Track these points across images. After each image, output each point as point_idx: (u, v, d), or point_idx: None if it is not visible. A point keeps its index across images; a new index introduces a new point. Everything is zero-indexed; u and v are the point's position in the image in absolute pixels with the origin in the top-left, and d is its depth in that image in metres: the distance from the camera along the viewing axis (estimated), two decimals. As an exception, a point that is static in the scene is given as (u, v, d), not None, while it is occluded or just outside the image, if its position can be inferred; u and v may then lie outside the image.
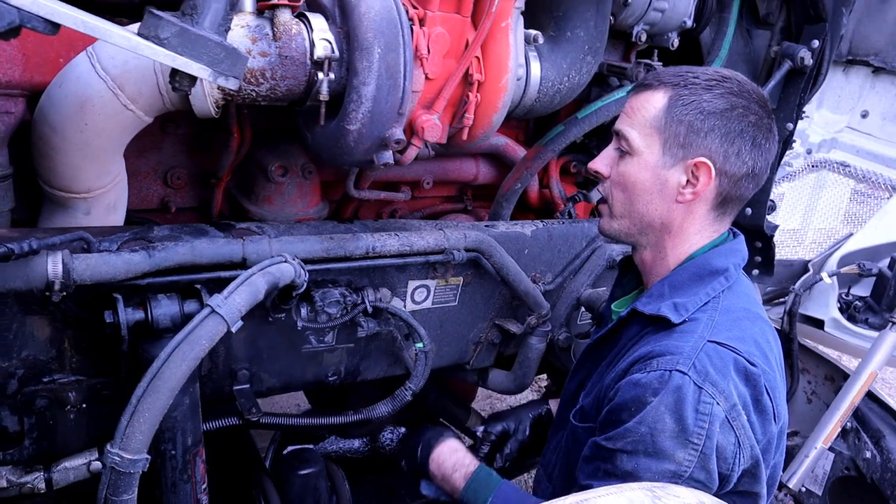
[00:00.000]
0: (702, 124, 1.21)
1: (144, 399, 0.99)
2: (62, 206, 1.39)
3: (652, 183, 1.26)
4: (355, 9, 1.24)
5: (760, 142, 1.23)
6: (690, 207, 1.26)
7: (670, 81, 1.24)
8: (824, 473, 2.30)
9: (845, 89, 3.07)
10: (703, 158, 1.21)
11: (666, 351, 1.15)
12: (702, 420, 1.08)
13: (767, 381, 1.16)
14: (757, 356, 1.17)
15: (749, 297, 1.29)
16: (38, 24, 0.72)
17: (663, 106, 1.23)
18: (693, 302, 1.23)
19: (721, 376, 1.11)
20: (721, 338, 1.16)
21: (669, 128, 1.22)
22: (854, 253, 2.60)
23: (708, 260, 1.27)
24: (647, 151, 1.25)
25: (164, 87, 1.25)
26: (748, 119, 1.21)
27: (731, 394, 1.11)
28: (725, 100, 1.21)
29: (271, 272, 1.17)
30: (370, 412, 1.62)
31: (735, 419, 1.10)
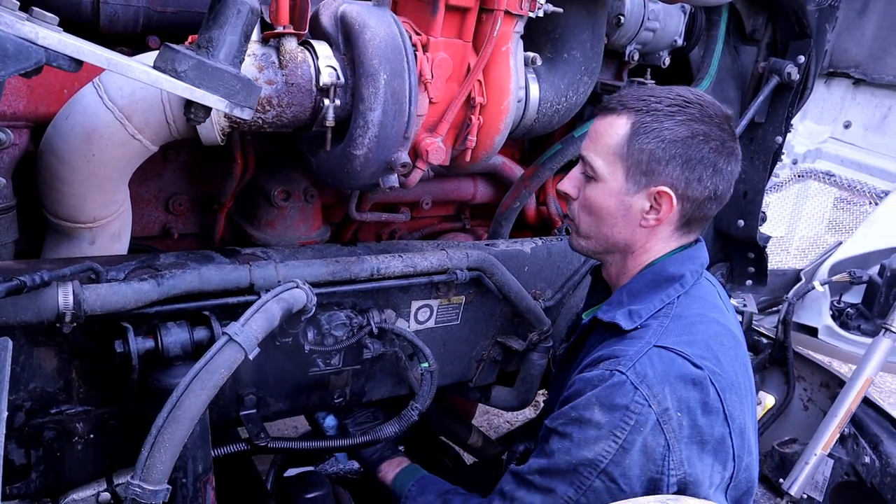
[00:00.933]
0: (663, 153, 1.24)
1: (165, 429, 0.99)
2: (67, 236, 1.39)
3: (616, 208, 1.30)
4: (360, 36, 1.26)
5: (722, 166, 1.26)
6: (654, 230, 1.31)
7: (633, 107, 1.27)
8: (824, 480, 2.32)
9: (828, 101, 3.14)
10: (664, 187, 1.25)
11: (612, 354, 1.22)
12: (629, 417, 1.13)
13: (717, 382, 1.18)
14: (706, 359, 1.19)
15: (706, 302, 1.32)
16: (64, 62, 0.73)
17: (626, 133, 1.26)
18: (647, 309, 1.27)
19: (658, 380, 1.15)
20: (668, 342, 1.20)
21: (632, 156, 1.26)
22: (844, 261, 2.64)
23: (664, 267, 1.31)
24: (611, 178, 1.29)
25: (172, 117, 1.25)
26: (709, 145, 1.24)
27: (664, 398, 1.14)
28: (687, 127, 1.24)
29: (285, 298, 1.17)
30: (378, 433, 1.62)
31: (667, 422, 1.13)
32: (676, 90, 1.30)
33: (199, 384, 1.01)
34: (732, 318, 1.38)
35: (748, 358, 1.36)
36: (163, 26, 1.46)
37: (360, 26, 1.27)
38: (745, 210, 2.46)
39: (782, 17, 2.24)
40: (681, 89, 1.30)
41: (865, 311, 2.55)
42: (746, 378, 1.30)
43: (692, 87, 1.32)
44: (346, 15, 1.30)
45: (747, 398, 1.27)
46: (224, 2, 0.93)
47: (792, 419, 2.65)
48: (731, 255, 2.66)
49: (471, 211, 2.17)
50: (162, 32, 1.46)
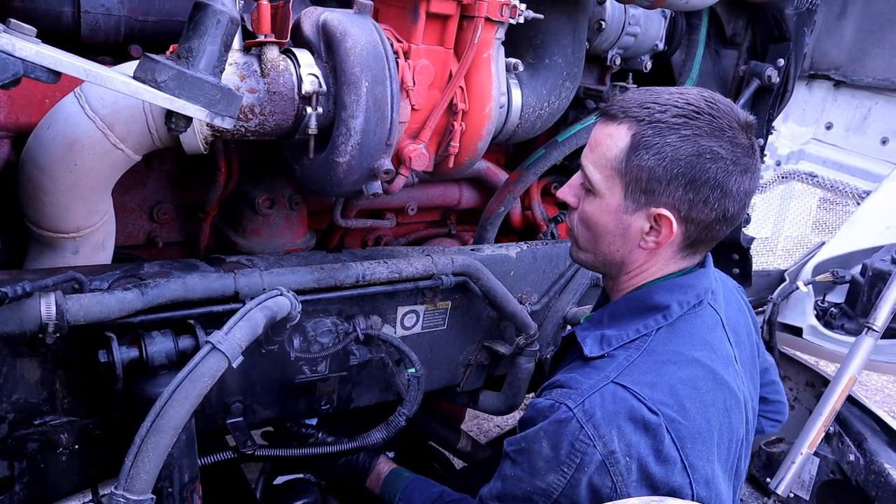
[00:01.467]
0: (664, 172, 1.11)
1: (148, 439, 0.99)
2: (50, 246, 1.39)
3: (614, 226, 1.20)
4: (341, 44, 1.27)
5: (731, 187, 1.13)
6: (654, 251, 1.21)
7: (635, 115, 1.14)
8: (811, 478, 2.34)
9: (809, 102, 3.18)
10: (664, 210, 1.14)
11: (567, 383, 1.15)
12: (574, 455, 1.07)
13: (674, 430, 1.09)
14: (666, 405, 1.10)
15: (693, 338, 1.20)
16: (42, 73, 0.73)
17: (625, 146, 1.14)
18: (619, 337, 1.19)
19: (606, 421, 1.08)
20: (628, 381, 1.12)
21: (630, 172, 1.14)
22: (827, 261, 2.67)
23: (650, 294, 1.21)
24: (608, 194, 1.18)
25: (154, 126, 1.25)
26: (717, 165, 1.11)
27: (611, 440, 1.07)
28: (692, 143, 1.10)
29: (269, 306, 1.17)
30: (365, 439, 1.62)
31: (612, 465, 1.06)
32: (687, 95, 1.14)
33: (183, 393, 1.01)
34: (731, 354, 1.27)
35: (739, 399, 1.23)
36: (145, 35, 1.46)
37: (341, 34, 1.27)
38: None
39: (761, 21, 2.27)
40: (692, 94, 1.14)
41: (849, 310, 2.58)
42: (727, 423, 1.19)
43: (705, 89, 1.18)
44: (328, 23, 1.30)
45: (721, 445, 1.17)
46: (203, 12, 0.94)
47: (778, 419, 2.67)
48: (716, 257, 2.68)
49: (456, 216, 2.18)
50: (144, 42, 1.46)
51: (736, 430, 1.22)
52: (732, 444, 1.21)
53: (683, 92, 1.16)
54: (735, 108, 1.16)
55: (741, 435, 1.24)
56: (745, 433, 1.28)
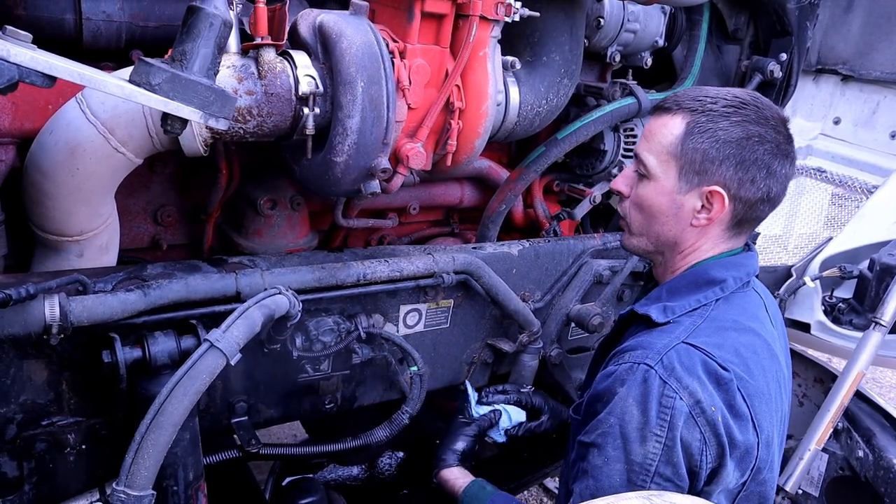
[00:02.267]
0: (717, 153, 1.23)
1: (148, 435, 1.00)
2: (55, 249, 1.41)
3: (668, 207, 1.30)
4: (337, 45, 1.28)
5: (776, 168, 1.25)
6: (705, 229, 1.30)
7: (689, 107, 1.27)
8: (820, 475, 2.32)
9: (817, 97, 3.16)
10: (717, 187, 1.24)
11: (639, 346, 1.22)
12: (664, 413, 1.12)
13: (743, 388, 1.17)
14: (733, 363, 1.18)
15: (746, 311, 1.30)
16: (37, 78, 0.75)
17: (681, 132, 1.26)
18: (681, 306, 1.27)
19: (687, 373, 1.15)
20: (697, 341, 1.20)
21: (686, 155, 1.25)
22: (835, 256, 2.65)
23: (707, 269, 1.31)
24: (663, 177, 1.29)
25: (154, 129, 1.27)
26: (763, 147, 1.23)
27: (695, 390, 1.13)
28: (742, 128, 1.22)
29: (267, 304, 1.19)
30: (368, 437, 1.63)
31: (699, 415, 1.13)
32: (733, 91, 1.28)
33: (182, 390, 1.02)
34: (775, 335, 1.35)
35: (786, 374, 1.33)
36: (146, 41, 1.48)
37: (336, 35, 1.29)
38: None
39: (763, 16, 2.26)
40: (737, 90, 1.29)
41: (857, 305, 2.55)
42: (779, 392, 1.27)
43: (749, 90, 1.33)
44: (324, 24, 1.32)
45: (777, 412, 1.26)
46: (196, 15, 0.95)
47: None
48: (722, 253, 2.67)
49: (459, 215, 2.18)
50: (145, 47, 1.48)
51: (783, 404, 1.30)
52: (781, 414, 1.28)
53: (731, 89, 1.30)
54: (774, 105, 1.29)
55: (786, 410, 1.32)
56: (784, 411, 1.34)
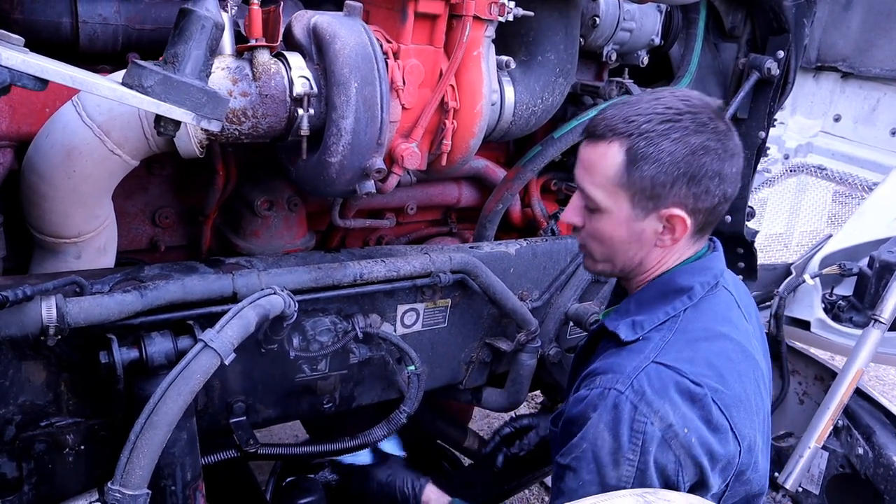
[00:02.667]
0: (666, 177, 1.19)
1: (142, 435, 1.01)
2: (53, 251, 1.42)
3: (628, 235, 1.26)
4: (331, 46, 1.29)
5: (726, 171, 1.21)
6: (671, 246, 1.28)
7: (623, 131, 1.21)
8: (820, 472, 2.32)
9: (817, 95, 3.16)
10: (674, 209, 1.21)
11: (609, 369, 1.20)
12: (636, 437, 1.11)
13: (719, 400, 1.16)
14: (706, 376, 1.17)
15: (717, 315, 1.28)
16: (29, 81, 0.75)
17: (622, 162, 1.21)
18: (650, 320, 1.25)
19: (658, 396, 1.13)
20: (667, 359, 1.18)
21: (634, 184, 1.21)
22: (835, 254, 2.65)
23: (673, 278, 1.28)
24: (616, 208, 1.24)
25: (150, 132, 1.28)
26: (710, 156, 1.19)
27: (666, 414, 1.12)
28: (684, 144, 1.18)
29: (261, 304, 1.20)
30: (366, 437, 1.63)
31: (672, 439, 1.11)
32: (662, 100, 1.22)
33: (176, 390, 1.03)
34: (749, 331, 1.34)
35: (763, 370, 1.31)
36: (142, 43, 1.49)
37: (330, 36, 1.29)
38: (732, 205, 2.46)
39: (760, 14, 2.26)
40: (666, 97, 1.23)
41: (857, 302, 2.56)
42: (758, 393, 1.26)
43: (674, 89, 1.26)
44: (318, 26, 1.32)
45: (759, 413, 1.25)
46: (188, 18, 0.96)
47: (788, 413, 2.65)
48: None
49: (457, 215, 2.19)
50: (142, 49, 1.49)
51: (764, 402, 1.29)
52: (763, 414, 1.28)
53: (658, 97, 1.23)
54: (705, 98, 1.24)
55: (767, 409, 1.31)
56: (766, 408, 1.33)
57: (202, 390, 1.45)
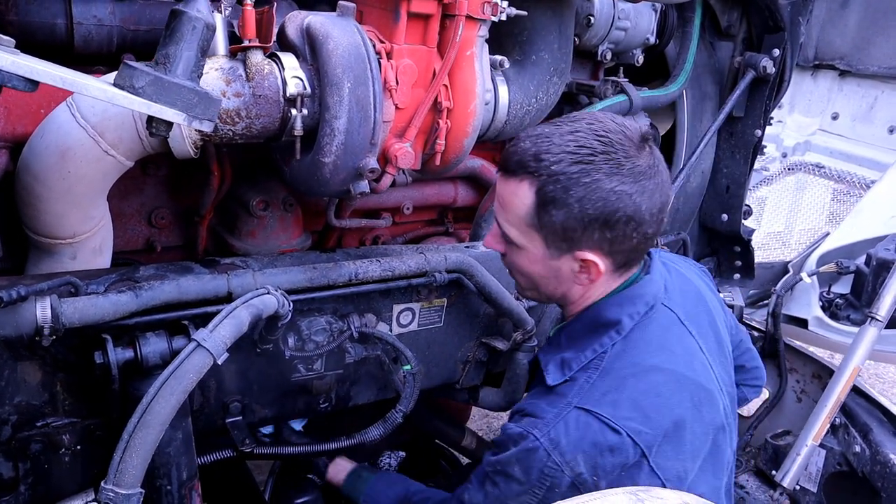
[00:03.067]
0: (577, 223, 1.15)
1: (136, 434, 1.01)
2: (48, 252, 1.42)
3: (546, 272, 1.26)
4: (323, 46, 1.29)
5: (644, 213, 1.16)
6: (592, 282, 1.26)
7: (533, 170, 1.16)
8: (818, 470, 2.33)
9: (815, 93, 3.16)
10: (588, 253, 1.19)
11: (533, 412, 1.22)
12: (544, 480, 1.16)
13: (641, 442, 1.16)
14: (629, 419, 1.16)
15: (649, 345, 1.25)
16: (19, 83, 0.76)
17: (532, 204, 1.17)
18: (578, 360, 1.25)
19: (571, 448, 1.15)
20: (589, 403, 1.18)
21: (546, 227, 1.19)
22: (832, 252, 2.65)
23: (601, 311, 1.27)
24: (531, 246, 1.23)
25: (144, 133, 1.29)
26: (625, 202, 1.14)
27: (577, 464, 1.14)
28: (597, 190, 1.13)
29: (254, 304, 1.20)
30: (362, 436, 1.64)
31: (582, 484, 1.14)
32: (578, 135, 1.15)
33: (168, 389, 1.03)
34: (693, 347, 1.31)
35: (704, 393, 1.28)
36: (137, 44, 1.49)
37: (323, 37, 1.30)
38: (728, 204, 2.48)
39: (756, 12, 2.26)
40: (582, 130, 1.15)
41: (854, 300, 2.56)
42: (697, 418, 1.24)
43: (597, 116, 1.18)
44: (311, 26, 1.33)
45: (695, 441, 1.23)
46: (179, 19, 0.96)
47: (786, 411, 2.65)
48: (718, 250, 2.68)
49: (453, 214, 2.19)
50: (136, 50, 1.49)
51: (711, 421, 1.26)
52: (708, 436, 1.26)
53: (574, 130, 1.16)
54: (626, 128, 1.17)
55: (718, 423, 1.29)
56: (724, 420, 1.32)
57: (198, 390, 1.47)
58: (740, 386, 1.64)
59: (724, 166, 2.49)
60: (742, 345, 1.65)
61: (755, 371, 1.70)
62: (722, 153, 2.49)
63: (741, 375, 1.64)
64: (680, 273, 1.47)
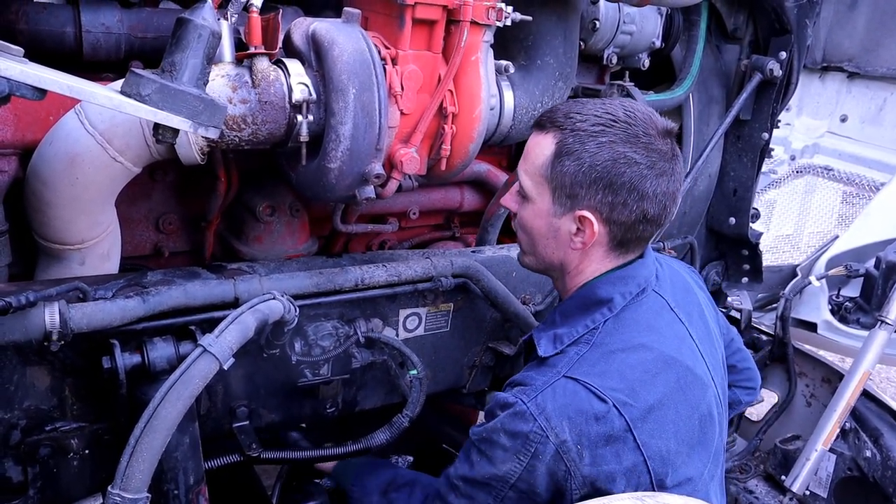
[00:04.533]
0: (584, 178, 1.20)
1: (142, 439, 1.02)
2: (57, 257, 1.44)
3: (546, 230, 1.29)
4: (329, 52, 1.30)
5: (648, 190, 1.21)
6: (586, 251, 1.29)
7: (559, 124, 1.23)
8: (828, 475, 2.31)
9: (823, 95, 3.15)
10: (586, 212, 1.23)
11: (523, 381, 1.25)
12: (529, 445, 1.17)
13: (626, 413, 1.17)
14: (616, 390, 1.18)
15: (639, 325, 1.28)
16: (27, 91, 0.77)
17: (551, 154, 1.23)
18: (570, 334, 1.27)
19: (557, 413, 1.16)
20: (578, 373, 1.20)
21: (556, 179, 1.23)
22: (841, 255, 2.64)
23: (594, 289, 1.30)
24: (539, 199, 1.28)
25: (151, 139, 1.30)
26: (632, 169, 1.19)
27: (562, 430, 1.16)
28: (609, 150, 1.19)
29: (260, 309, 1.21)
30: (369, 441, 1.64)
31: (566, 453, 1.15)
32: (609, 105, 1.24)
33: (175, 394, 1.04)
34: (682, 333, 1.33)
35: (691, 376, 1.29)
36: (145, 51, 1.51)
37: (329, 43, 1.30)
38: (736, 207, 2.47)
39: (762, 15, 2.26)
40: (614, 104, 1.24)
41: (864, 304, 2.54)
42: (681, 399, 1.25)
43: (630, 101, 1.26)
44: (317, 32, 1.34)
45: (679, 422, 1.23)
46: (185, 27, 0.97)
47: (795, 416, 2.63)
48: (726, 254, 2.67)
49: (460, 219, 2.20)
50: (144, 57, 1.50)
51: (696, 406, 1.28)
52: (693, 419, 1.27)
53: (606, 102, 1.25)
54: (654, 116, 1.25)
55: (705, 410, 1.29)
56: (712, 407, 1.32)
57: (205, 394, 1.47)
58: (732, 387, 1.64)
59: (732, 169, 2.48)
60: (733, 344, 1.66)
61: (747, 372, 1.69)
62: (729, 156, 2.48)
63: (733, 376, 1.64)
64: (670, 266, 1.49)
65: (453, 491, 1.29)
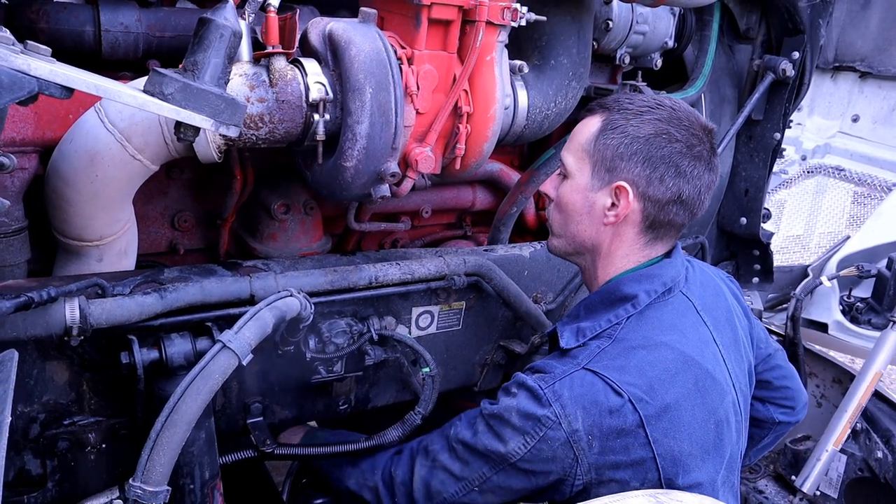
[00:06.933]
0: (626, 149, 1.26)
1: (163, 433, 1.04)
2: (76, 254, 1.45)
3: (582, 205, 1.32)
4: (346, 52, 1.31)
5: (686, 169, 1.26)
6: (618, 230, 1.31)
7: (607, 106, 1.31)
8: (838, 476, 2.30)
9: (835, 95, 3.14)
10: (623, 182, 1.26)
11: (543, 368, 1.27)
12: (539, 429, 1.19)
13: (641, 409, 1.18)
14: (633, 385, 1.19)
15: (662, 323, 1.29)
16: (56, 90, 0.78)
17: (596, 130, 1.29)
18: (593, 328, 1.29)
19: (572, 402, 1.18)
20: (597, 366, 1.22)
21: (598, 152, 1.28)
22: (852, 255, 2.63)
23: (619, 285, 1.32)
24: (578, 174, 1.32)
25: (169, 137, 1.31)
26: (672, 145, 1.25)
27: (575, 419, 1.17)
28: (652, 125, 1.25)
29: (278, 306, 1.22)
30: (381, 438, 1.65)
31: (576, 442, 1.17)
32: (659, 97, 1.31)
33: (195, 389, 1.05)
34: (706, 337, 1.33)
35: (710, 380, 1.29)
36: (162, 51, 1.52)
37: (345, 43, 1.31)
38: (747, 207, 2.47)
39: (775, 15, 2.25)
40: (663, 96, 1.33)
41: (875, 304, 2.53)
42: (699, 402, 1.25)
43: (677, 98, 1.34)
44: (333, 32, 1.35)
45: (694, 424, 1.23)
46: (207, 27, 0.99)
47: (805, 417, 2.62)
48: (737, 254, 2.66)
49: (472, 218, 2.20)
50: (161, 56, 1.52)
51: (714, 410, 1.27)
52: (709, 423, 1.26)
53: (658, 94, 1.35)
54: (698, 114, 1.31)
55: (722, 415, 1.29)
56: (730, 413, 1.32)
57: (220, 391, 1.48)
58: (767, 403, 1.61)
59: (743, 169, 2.48)
60: (771, 359, 1.62)
61: (785, 391, 1.63)
62: (741, 156, 2.47)
63: (768, 393, 1.61)
64: (703, 271, 1.49)
65: (450, 452, 1.32)
